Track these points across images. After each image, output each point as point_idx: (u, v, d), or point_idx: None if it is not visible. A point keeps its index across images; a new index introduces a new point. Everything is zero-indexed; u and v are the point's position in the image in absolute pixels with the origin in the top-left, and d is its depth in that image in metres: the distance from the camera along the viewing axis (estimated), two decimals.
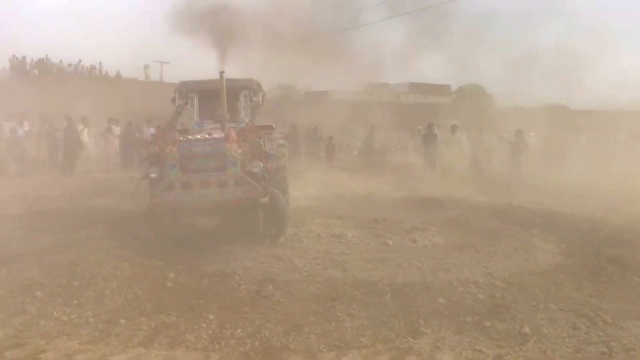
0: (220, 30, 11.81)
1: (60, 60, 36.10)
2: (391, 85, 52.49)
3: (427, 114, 35.42)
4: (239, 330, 5.23)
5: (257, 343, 5.02)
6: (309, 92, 51.54)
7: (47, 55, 35.32)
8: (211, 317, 5.44)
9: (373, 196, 13.76)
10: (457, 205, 12.34)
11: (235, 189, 8.10)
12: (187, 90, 10.31)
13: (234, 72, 10.45)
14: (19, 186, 14.38)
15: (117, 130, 20.53)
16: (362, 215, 11.03)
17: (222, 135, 8.36)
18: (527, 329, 5.40)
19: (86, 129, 19.70)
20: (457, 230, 10.23)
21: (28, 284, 6.07)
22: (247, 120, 10.14)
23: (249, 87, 10.37)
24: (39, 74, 34.40)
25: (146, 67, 38.22)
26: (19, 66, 34.45)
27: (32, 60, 34.89)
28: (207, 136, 8.53)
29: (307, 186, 13.49)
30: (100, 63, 37.08)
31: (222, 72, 9.19)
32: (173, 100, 10.41)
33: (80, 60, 36.37)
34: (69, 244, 7.72)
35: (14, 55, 34.47)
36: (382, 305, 5.89)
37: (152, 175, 8.27)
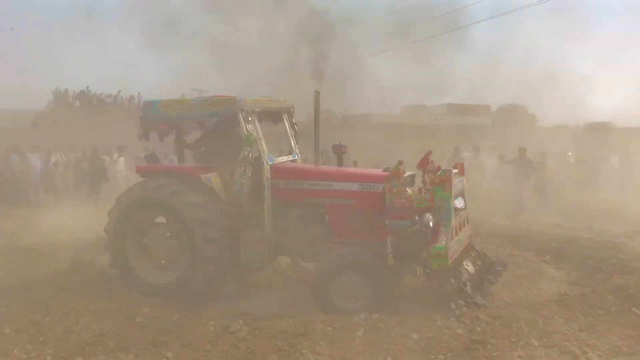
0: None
1: (102, 94, 37.20)
2: (429, 107, 52.03)
3: (466, 135, 34.88)
4: None
5: None
6: (347, 115, 51.69)
7: (87, 87, 36.50)
8: (169, 354, 5.33)
9: None
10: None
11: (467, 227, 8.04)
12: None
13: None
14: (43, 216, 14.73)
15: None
16: None
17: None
18: None
19: (122, 157, 20.02)
20: None
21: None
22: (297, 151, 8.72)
23: (289, 111, 8.77)
24: (80, 105, 35.54)
25: (182, 96, 38.95)
26: (61, 98, 35.73)
27: (74, 92, 36.10)
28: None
29: None
30: (139, 93, 38.01)
31: (317, 92, 8.00)
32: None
33: (119, 91, 37.41)
34: (57, 276, 7.80)
35: (56, 88, 35.80)
36: (351, 342, 5.66)
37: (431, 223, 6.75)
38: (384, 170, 7.43)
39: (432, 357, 5.43)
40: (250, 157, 7.28)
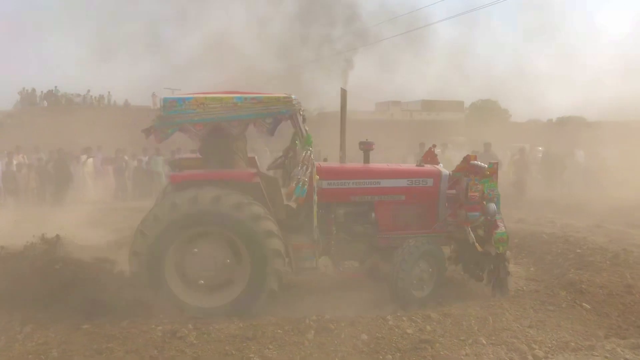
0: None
1: (70, 93, 36.75)
2: (403, 103, 52.25)
3: (439, 131, 35.08)
4: None
5: None
6: (322, 112, 51.62)
7: (56, 87, 36.04)
8: None
9: None
10: None
11: None
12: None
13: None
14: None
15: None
16: None
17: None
18: None
19: (90, 159, 19.73)
20: None
21: None
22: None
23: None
24: (49, 106, 35.04)
25: (153, 95, 38.60)
26: (28, 98, 35.18)
27: (41, 92, 35.61)
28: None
29: None
30: (109, 92, 37.65)
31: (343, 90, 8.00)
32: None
33: (88, 91, 36.98)
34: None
35: (24, 88, 35.29)
36: (300, 345, 5.61)
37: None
38: (417, 165, 8.11)
39: (380, 357, 5.41)
40: (312, 156, 6.99)
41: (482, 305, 6.67)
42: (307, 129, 7.19)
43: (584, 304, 6.72)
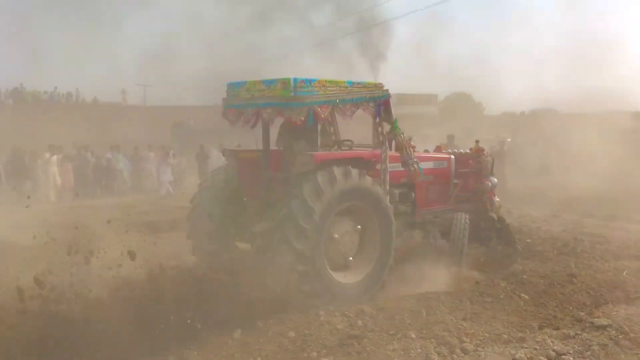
0: None
1: (37, 91, 35.97)
2: None
3: (412, 125, 34.95)
4: None
5: None
6: None
7: (21, 84, 35.22)
8: None
9: None
10: None
11: None
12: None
13: None
14: None
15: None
16: None
17: None
18: None
19: (54, 156, 19.21)
20: None
21: None
22: None
23: None
24: (15, 104, 34.26)
25: (123, 91, 38.06)
26: None
27: (6, 90, 34.77)
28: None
29: None
30: (76, 89, 36.95)
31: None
32: None
33: (56, 88, 36.21)
34: None
35: None
36: (224, 344, 5.40)
37: None
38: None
39: (305, 355, 5.24)
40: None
41: (418, 298, 6.53)
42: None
43: (522, 294, 6.63)
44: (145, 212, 14.39)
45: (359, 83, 7.22)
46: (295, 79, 6.58)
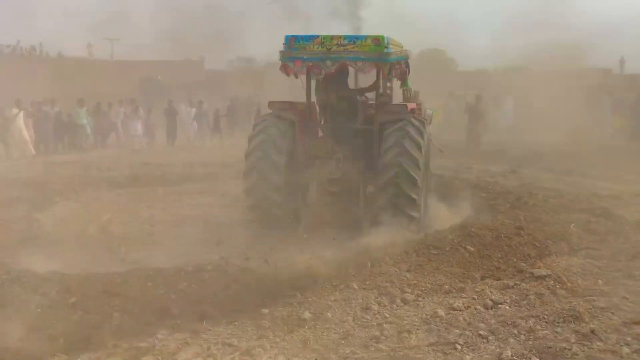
0: None
1: None
2: None
3: None
4: None
5: None
6: (270, 63, 50.49)
7: None
8: None
9: None
10: None
11: None
12: None
13: None
14: None
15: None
16: None
17: None
18: (307, 314, 4.97)
19: (21, 112, 18.57)
20: None
21: None
22: None
23: None
24: None
25: (89, 45, 37.04)
26: None
27: None
28: None
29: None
30: (40, 43, 35.87)
31: None
32: None
33: (18, 41, 35.11)
34: None
35: None
36: (162, 297, 5.42)
37: None
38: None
39: (239, 306, 5.27)
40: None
41: (365, 250, 6.59)
42: None
43: (468, 246, 6.71)
44: (108, 169, 14.14)
45: (398, 44, 8.09)
46: (387, 37, 7.56)
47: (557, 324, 4.57)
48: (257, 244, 7.20)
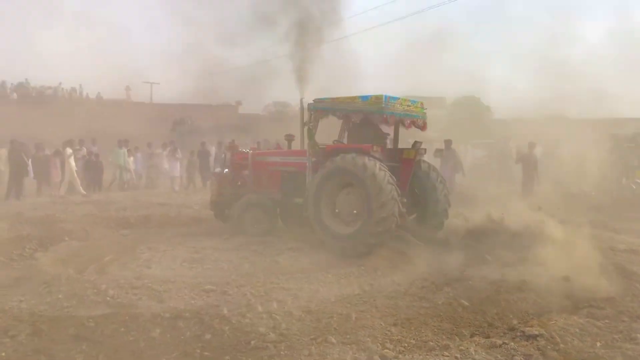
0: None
1: (41, 86, 36.19)
2: None
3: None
4: None
5: None
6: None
7: (26, 79, 35.46)
8: None
9: None
10: None
11: None
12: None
13: None
14: None
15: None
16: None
17: None
18: None
19: (70, 150, 18.99)
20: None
21: None
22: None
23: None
24: (19, 98, 34.48)
25: (127, 88, 38.15)
26: None
27: (11, 84, 35.02)
28: None
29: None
30: (80, 85, 37.10)
31: (301, 99, 10.55)
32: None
33: (60, 83, 36.41)
34: None
35: None
36: (132, 345, 5.24)
37: None
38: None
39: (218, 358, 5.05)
40: None
41: (352, 300, 6.32)
42: None
43: (462, 300, 6.37)
44: (124, 209, 14.22)
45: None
46: (421, 102, 10.30)
47: None
48: (253, 289, 6.99)
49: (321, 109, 10.01)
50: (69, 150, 18.30)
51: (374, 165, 8.95)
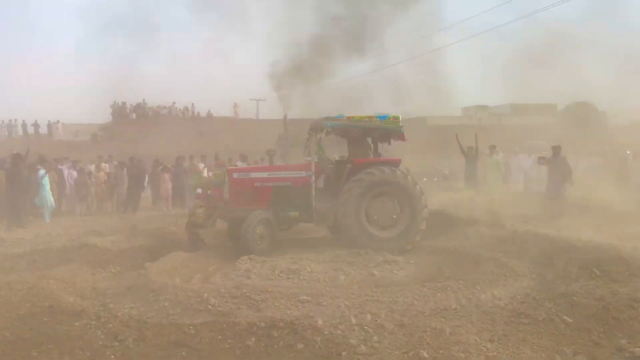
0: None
1: (157, 106, 38.55)
2: (491, 108, 50.36)
3: (529, 136, 33.44)
4: None
5: None
6: (405, 119, 50.75)
7: (144, 100, 37.94)
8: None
9: None
10: (461, 234, 11.38)
11: None
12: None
13: None
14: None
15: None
16: (348, 247, 10.52)
17: None
18: None
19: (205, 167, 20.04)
20: (438, 260, 9.49)
21: None
22: (309, 158, 11.40)
23: (316, 127, 11.45)
24: (137, 118, 36.98)
25: (235, 105, 39.75)
26: (119, 111, 37.31)
27: (130, 105, 37.61)
28: None
29: None
30: (192, 104, 39.11)
31: (285, 116, 11.52)
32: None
33: (174, 103, 38.60)
34: None
35: (115, 102, 37.44)
36: (228, 352, 5.42)
37: None
38: None
39: None
40: None
41: (447, 316, 6.17)
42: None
43: (565, 317, 6.04)
44: None
45: None
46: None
47: None
48: (347, 301, 7.04)
49: (336, 126, 10.90)
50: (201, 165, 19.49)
51: (408, 176, 10.80)
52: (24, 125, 37.20)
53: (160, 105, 38.34)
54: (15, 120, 37.80)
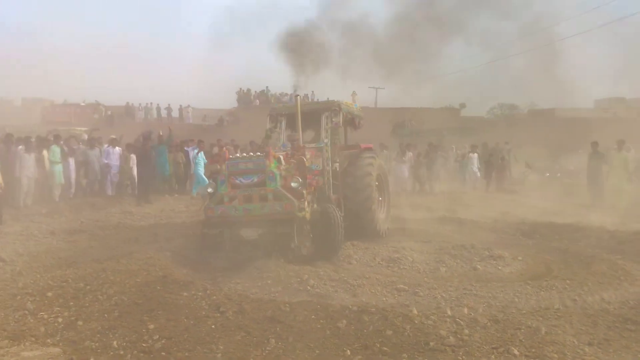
0: None
1: (280, 93, 39.73)
2: (629, 100, 46.77)
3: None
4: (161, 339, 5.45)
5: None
6: (533, 110, 48.42)
7: (267, 87, 39.25)
8: (151, 326, 5.76)
9: (496, 221, 12.77)
10: (578, 233, 10.83)
11: (274, 203, 8.41)
12: (275, 114, 11.26)
13: None
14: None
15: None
16: (454, 240, 10.39)
17: (264, 153, 8.75)
18: None
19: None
20: (547, 259, 9.13)
21: (46, 286, 7.10)
22: (326, 141, 10.46)
23: (330, 109, 10.71)
24: (260, 104, 38.34)
25: (353, 93, 39.93)
26: (244, 98, 38.91)
27: (255, 92, 39.09)
28: (251, 154, 8.97)
29: (417, 208, 13.09)
30: (312, 92, 39.84)
31: (297, 96, 10.57)
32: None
33: (295, 90, 39.50)
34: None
35: (240, 88, 39.09)
36: (319, 332, 5.59)
37: (210, 190, 9.07)
38: None
39: (399, 355, 5.17)
40: None
41: (545, 315, 5.94)
42: None
43: None
44: None
45: None
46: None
47: None
48: (445, 293, 7.03)
49: (347, 111, 11.02)
50: None
51: None
52: (158, 109, 40.04)
53: (282, 92, 39.46)
54: (151, 103, 40.79)
